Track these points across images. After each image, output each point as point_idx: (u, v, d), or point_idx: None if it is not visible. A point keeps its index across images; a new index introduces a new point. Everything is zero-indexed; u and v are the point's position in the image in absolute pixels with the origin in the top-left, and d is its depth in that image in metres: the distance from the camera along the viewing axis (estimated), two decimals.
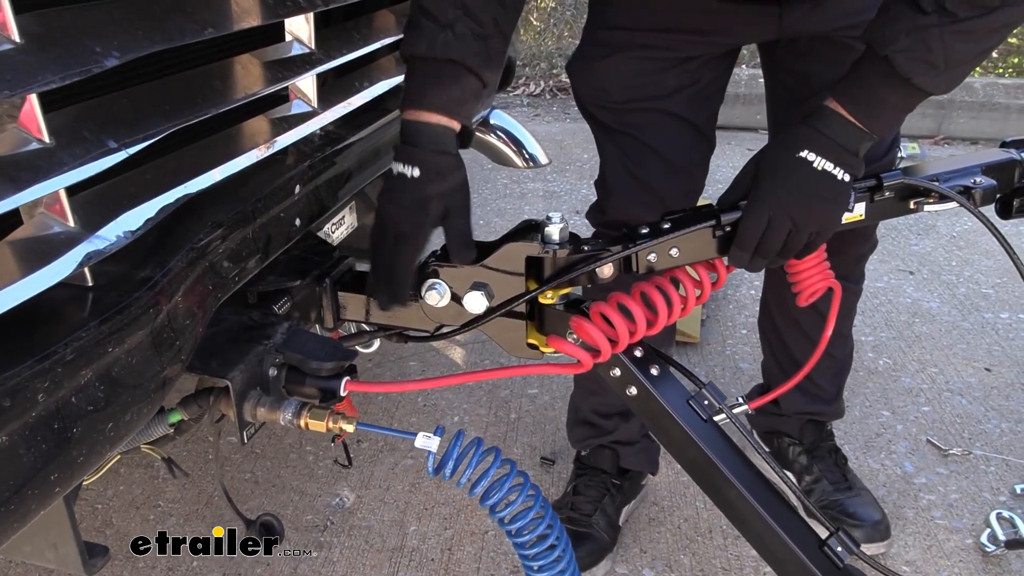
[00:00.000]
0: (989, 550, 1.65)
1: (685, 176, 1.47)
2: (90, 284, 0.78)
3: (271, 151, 1.07)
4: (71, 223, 0.75)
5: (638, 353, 1.13)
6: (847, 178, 1.04)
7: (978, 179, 1.18)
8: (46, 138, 0.69)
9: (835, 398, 1.78)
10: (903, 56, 0.98)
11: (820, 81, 1.35)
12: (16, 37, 0.65)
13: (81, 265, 0.74)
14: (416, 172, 1.02)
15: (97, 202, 0.80)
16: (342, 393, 1.06)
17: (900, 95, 1.02)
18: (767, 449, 1.84)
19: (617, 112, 1.43)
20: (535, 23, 5.88)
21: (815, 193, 1.04)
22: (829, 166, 1.03)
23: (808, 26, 1.32)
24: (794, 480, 1.75)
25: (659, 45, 1.36)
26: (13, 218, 0.72)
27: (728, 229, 1.08)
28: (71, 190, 0.75)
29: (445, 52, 1.02)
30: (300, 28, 1.11)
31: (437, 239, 1.08)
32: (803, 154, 1.03)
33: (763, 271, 1.54)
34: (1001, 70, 5.08)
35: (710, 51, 1.38)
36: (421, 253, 1.07)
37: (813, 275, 1.19)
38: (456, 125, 1.05)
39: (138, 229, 0.81)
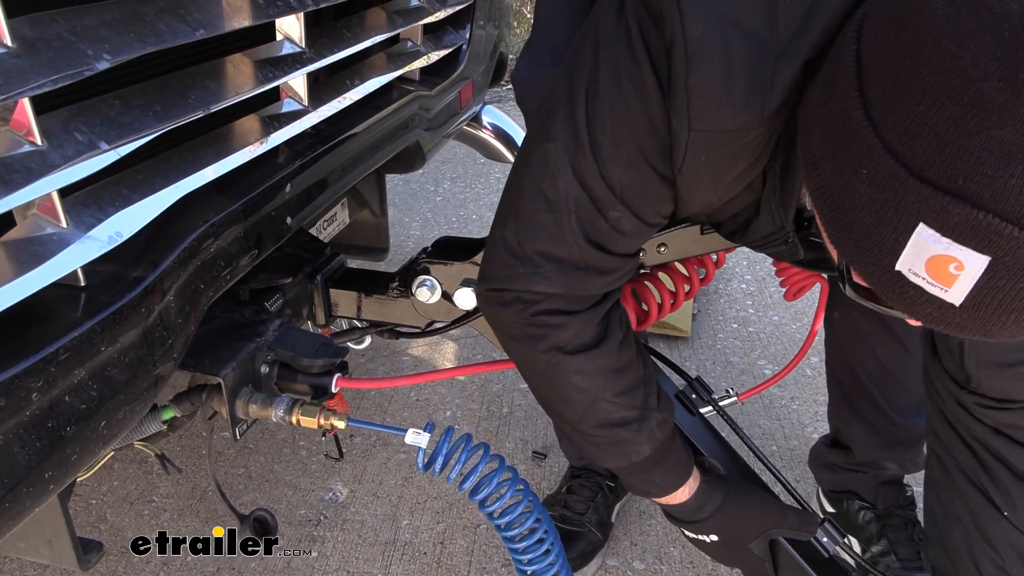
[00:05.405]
0: None
1: None
2: (83, 284, 0.79)
3: (263, 150, 1.07)
4: (64, 224, 0.76)
5: None
6: None
7: None
8: (39, 140, 0.70)
9: (917, 441, 1.48)
10: None
11: None
12: (8, 41, 0.65)
13: (74, 265, 0.75)
14: (715, 537, 1.14)
15: (90, 203, 0.80)
16: (333, 390, 1.08)
17: None
18: (758, 447, 1.84)
19: None
20: (528, 15, 5.87)
21: None
22: None
23: None
24: (858, 549, 1.58)
25: None
26: (6, 219, 0.73)
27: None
28: (63, 191, 0.75)
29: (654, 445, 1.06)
30: (291, 27, 1.11)
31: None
32: None
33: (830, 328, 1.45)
34: None
35: None
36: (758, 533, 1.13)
37: (798, 272, 1.21)
38: (693, 485, 1.12)
39: (130, 229, 0.82)
